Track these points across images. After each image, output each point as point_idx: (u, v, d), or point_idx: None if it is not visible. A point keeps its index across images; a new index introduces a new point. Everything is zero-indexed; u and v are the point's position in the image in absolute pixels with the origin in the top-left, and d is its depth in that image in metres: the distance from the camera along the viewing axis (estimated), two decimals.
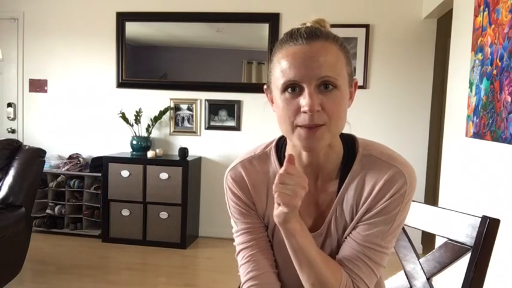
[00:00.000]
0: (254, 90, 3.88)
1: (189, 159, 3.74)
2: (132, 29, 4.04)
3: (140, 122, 3.92)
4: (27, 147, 2.68)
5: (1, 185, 2.51)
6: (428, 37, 3.68)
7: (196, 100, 3.99)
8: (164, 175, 3.66)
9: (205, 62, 4.01)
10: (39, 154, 2.67)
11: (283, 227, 0.84)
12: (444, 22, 3.53)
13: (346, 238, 0.92)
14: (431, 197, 3.98)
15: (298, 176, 0.81)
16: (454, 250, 1.03)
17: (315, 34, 0.83)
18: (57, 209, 3.94)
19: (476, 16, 2.26)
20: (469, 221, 1.00)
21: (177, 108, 4.03)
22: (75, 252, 3.56)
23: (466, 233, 1.00)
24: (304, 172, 0.91)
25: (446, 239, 1.06)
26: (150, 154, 3.78)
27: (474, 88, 2.24)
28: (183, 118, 4.03)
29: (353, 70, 0.90)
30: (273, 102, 0.91)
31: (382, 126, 3.72)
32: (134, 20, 4.03)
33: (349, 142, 0.94)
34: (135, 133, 3.93)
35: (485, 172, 2.13)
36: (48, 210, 3.94)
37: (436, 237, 2.41)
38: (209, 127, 3.98)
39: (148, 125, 3.93)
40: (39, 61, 4.21)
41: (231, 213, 0.99)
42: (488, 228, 0.96)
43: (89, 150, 4.13)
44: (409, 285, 1.13)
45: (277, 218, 0.84)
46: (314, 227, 0.95)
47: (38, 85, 4.23)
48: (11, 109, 4.28)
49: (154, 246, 3.68)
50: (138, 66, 4.11)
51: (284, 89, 0.83)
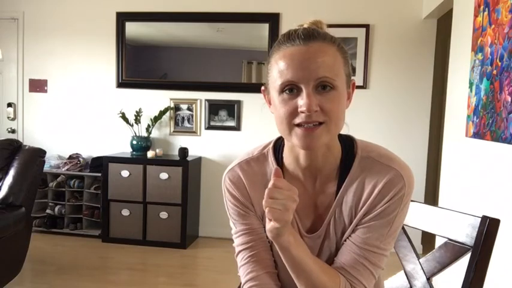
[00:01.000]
0: (254, 90, 3.88)
1: (189, 159, 3.74)
2: (132, 29, 4.04)
3: (140, 122, 3.92)
4: (27, 147, 2.68)
5: (1, 185, 2.51)
6: (428, 37, 3.68)
7: (196, 100, 3.99)
8: (164, 175, 3.66)
9: (205, 62, 4.01)
10: (39, 154, 2.67)
11: (277, 241, 0.84)
12: (444, 22, 3.53)
13: (345, 241, 0.92)
14: (431, 197, 3.99)
15: (287, 189, 0.80)
16: (454, 250, 1.03)
17: (312, 35, 0.83)
18: (57, 209, 3.94)
19: (476, 16, 2.26)
20: (469, 221, 1.00)
21: (177, 108, 4.03)
22: (75, 252, 3.56)
23: (466, 233, 1.00)
24: (302, 174, 0.91)
25: (446, 239, 1.06)
26: (150, 154, 3.78)
27: (474, 88, 2.24)
28: (183, 118, 4.03)
29: (351, 71, 0.90)
30: (270, 104, 0.91)
31: (382, 126, 3.73)
32: (134, 20, 4.03)
33: (348, 144, 0.94)
34: (135, 133, 3.93)
35: (485, 172, 2.13)
36: (48, 210, 3.94)
37: (436, 237, 2.41)
38: (209, 127, 3.99)
39: (148, 125, 3.93)
40: (39, 61, 4.21)
41: (230, 214, 0.99)
42: (488, 228, 0.96)
43: (89, 150, 4.13)
44: (409, 285, 1.13)
45: (270, 233, 0.83)
46: (312, 228, 0.95)
47: (38, 85, 4.23)
48: (11, 109, 4.28)
49: (154, 246, 3.68)
50: (138, 66, 4.11)
51: (282, 90, 0.83)
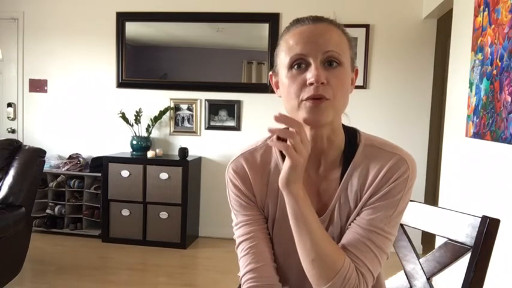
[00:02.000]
0: (254, 90, 3.88)
1: (189, 159, 3.74)
2: (132, 29, 4.04)
3: (140, 122, 3.92)
4: (27, 147, 2.68)
5: (1, 185, 2.51)
6: (428, 37, 3.68)
7: (196, 100, 3.99)
8: (164, 175, 3.66)
9: (205, 62, 4.01)
10: (39, 154, 2.67)
11: (287, 189, 0.83)
12: (444, 22, 3.53)
13: (350, 225, 0.92)
14: (431, 197, 3.99)
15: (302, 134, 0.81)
16: (454, 250, 1.03)
17: (320, 18, 0.90)
18: (57, 209, 3.94)
19: (476, 16, 2.26)
20: (469, 221, 1.00)
21: (177, 108, 4.03)
22: (75, 252, 3.56)
23: (466, 233, 1.00)
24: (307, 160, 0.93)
25: (446, 239, 1.05)
26: (150, 154, 3.78)
27: (474, 88, 2.24)
28: (183, 118, 4.03)
29: (354, 57, 0.94)
30: (277, 88, 0.93)
31: (382, 126, 3.72)
32: (134, 20, 4.03)
33: (351, 133, 0.96)
34: (135, 133, 3.93)
35: (485, 172, 2.13)
36: (48, 210, 3.94)
37: (436, 237, 2.41)
38: (209, 127, 3.99)
39: (148, 125, 3.93)
40: (39, 61, 4.21)
41: (232, 205, 0.99)
42: (488, 228, 0.96)
43: (89, 150, 4.13)
44: (409, 285, 1.13)
45: (282, 179, 0.83)
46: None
47: (38, 85, 4.23)
48: (11, 109, 4.28)
49: (154, 246, 3.68)
50: (138, 66, 4.11)
51: (291, 65, 0.86)
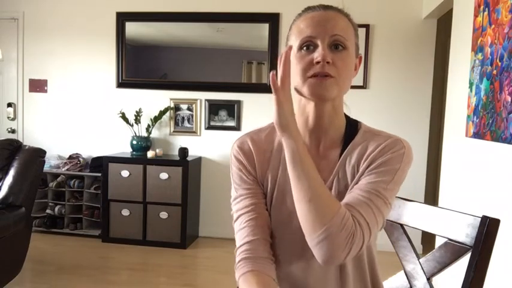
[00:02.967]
0: (254, 90, 3.88)
1: (189, 159, 3.74)
2: (132, 29, 4.04)
3: (140, 122, 3.92)
4: (27, 147, 2.67)
5: (1, 185, 2.51)
6: (428, 37, 3.68)
7: (196, 100, 3.99)
8: (164, 175, 3.66)
9: (205, 62, 4.01)
10: (39, 154, 2.67)
11: (287, 131, 0.85)
12: (444, 22, 3.53)
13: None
14: (431, 197, 3.99)
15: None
16: (454, 250, 1.03)
17: (329, 6, 0.98)
18: (57, 209, 3.94)
19: (476, 16, 2.26)
20: (469, 221, 1.00)
21: (177, 108, 4.03)
22: (75, 252, 3.56)
23: (466, 233, 1.00)
24: (309, 138, 0.99)
25: (446, 239, 1.05)
26: (150, 154, 3.78)
27: (474, 88, 2.24)
28: (183, 118, 4.03)
29: (359, 45, 1.01)
30: None
31: (382, 126, 3.65)
32: (134, 20, 4.03)
33: (353, 121, 1.04)
34: (135, 133, 3.93)
35: (485, 172, 2.13)
36: (48, 210, 3.94)
37: (436, 237, 2.41)
38: (209, 127, 3.99)
39: (148, 125, 3.93)
40: (39, 61, 4.21)
41: (233, 180, 1.03)
42: (488, 228, 0.96)
43: (89, 150, 4.13)
44: (409, 285, 1.13)
45: (277, 123, 0.85)
46: None
47: (38, 85, 4.23)
48: (11, 109, 4.28)
49: (154, 246, 3.68)
50: (138, 66, 4.11)
51: (300, 47, 0.93)
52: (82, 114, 4.17)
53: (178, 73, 4.03)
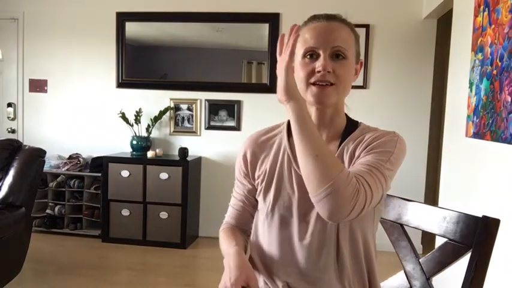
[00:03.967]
0: (254, 90, 3.88)
1: (189, 159, 3.74)
2: (132, 29, 4.04)
3: (140, 122, 3.92)
4: (27, 147, 2.67)
5: (1, 185, 2.51)
6: (428, 37, 3.67)
7: (196, 100, 3.99)
8: (164, 175, 3.66)
9: (205, 62, 4.01)
10: (39, 154, 2.67)
11: (293, 96, 0.89)
12: (444, 22, 3.53)
13: None
14: (431, 197, 3.98)
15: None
16: (454, 250, 1.03)
17: (333, 16, 1.05)
18: (57, 209, 3.94)
19: (476, 16, 2.26)
20: (469, 221, 1.00)
21: (177, 108, 4.03)
22: (75, 252, 3.56)
23: (466, 233, 1.00)
24: None
25: (446, 239, 1.06)
26: (150, 154, 3.78)
27: (474, 88, 2.24)
28: (183, 118, 4.03)
29: (360, 52, 1.09)
30: (293, 72, 1.02)
31: (382, 126, 3.67)
32: (134, 20, 4.03)
33: (353, 121, 1.12)
34: (135, 133, 3.93)
35: (485, 172, 2.13)
36: (48, 210, 3.94)
37: (436, 237, 2.41)
38: (209, 127, 3.98)
39: (148, 125, 3.93)
40: (39, 61, 4.20)
41: (236, 173, 1.17)
42: (488, 228, 0.96)
43: (89, 150, 4.12)
44: (409, 285, 1.13)
45: (283, 89, 0.88)
46: None
47: (38, 85, 4.23)
48: (11, 109, 4.28)
49: (154, 246, 3.68)
50: (138, 66, 4.10)
51: (304, 55, 1.01)
52: (82, 114, 4.17)
53: (178, 73, 4.03)
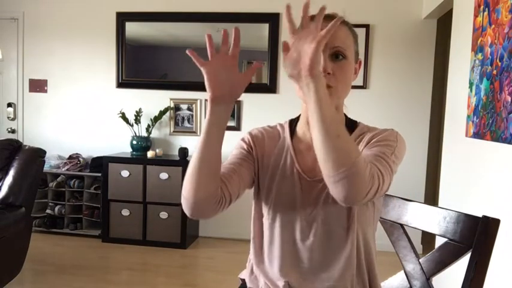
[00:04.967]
0: (254, 90, 3.88)
1: (189, 159, 3.73)
2: (132, 29, 4.04)
3: (140, 122, 3.92)
4: (27, 147, 2.67)
5: (1, 185, 2.51)
6: (428, 37, 3.68)
7: (196, 100, 3.99)
8: (164, 175, 3.66)
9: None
10: (39, 154, 2.67)
11: (316, 74, 0.84)
12: (444, 22, 3.53)
13: None
14: (431, 197, 3.98)
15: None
16: (454, 250, 1.03)
17: (331, 16, 1.00)
18: (57, 209, 3.94)
19: (476, 16, 2.26)
20: (469, 221, 1.00)
21: (177, 108, 4.03)
22: (75, 252, 3.56)
23: (466, 233, 1.00)
24: (311, 135, 1.03)
25: (446, 239, 1.06)
26: (150, 154, 3.78)
27: (474, 88, 2.24)
28: (183, 118, 4.03)
29: (358, 51, 1.08)
30: None
31: (382, 126, 3.69)
32: (134, 20, 4.03)
33: (352, 120, 1.14)
34: (135, 133, 3.93)
35: (485, 172, 2.13)
36: (48, 210, 3.94)
37: (436, 237, 2.41)
38: None
39: (148, 125, 3.93)
40: (39, 61, 4.21)
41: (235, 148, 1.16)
42: (488, 228, 0.96)
43: (89, 150, 4.13)
44: (409, 285, 1.13)
45: (308, 65, 0.83)
46: (313, 173, 1.05)
47: (38, 85, 4.23)
48: (11, 109, 4.28)
49: (154, 246, 3.67)
50: (138, 66, 4.10)
51: None
52: (82, 114, 4.17)
53: (178, 73, 4.02)
